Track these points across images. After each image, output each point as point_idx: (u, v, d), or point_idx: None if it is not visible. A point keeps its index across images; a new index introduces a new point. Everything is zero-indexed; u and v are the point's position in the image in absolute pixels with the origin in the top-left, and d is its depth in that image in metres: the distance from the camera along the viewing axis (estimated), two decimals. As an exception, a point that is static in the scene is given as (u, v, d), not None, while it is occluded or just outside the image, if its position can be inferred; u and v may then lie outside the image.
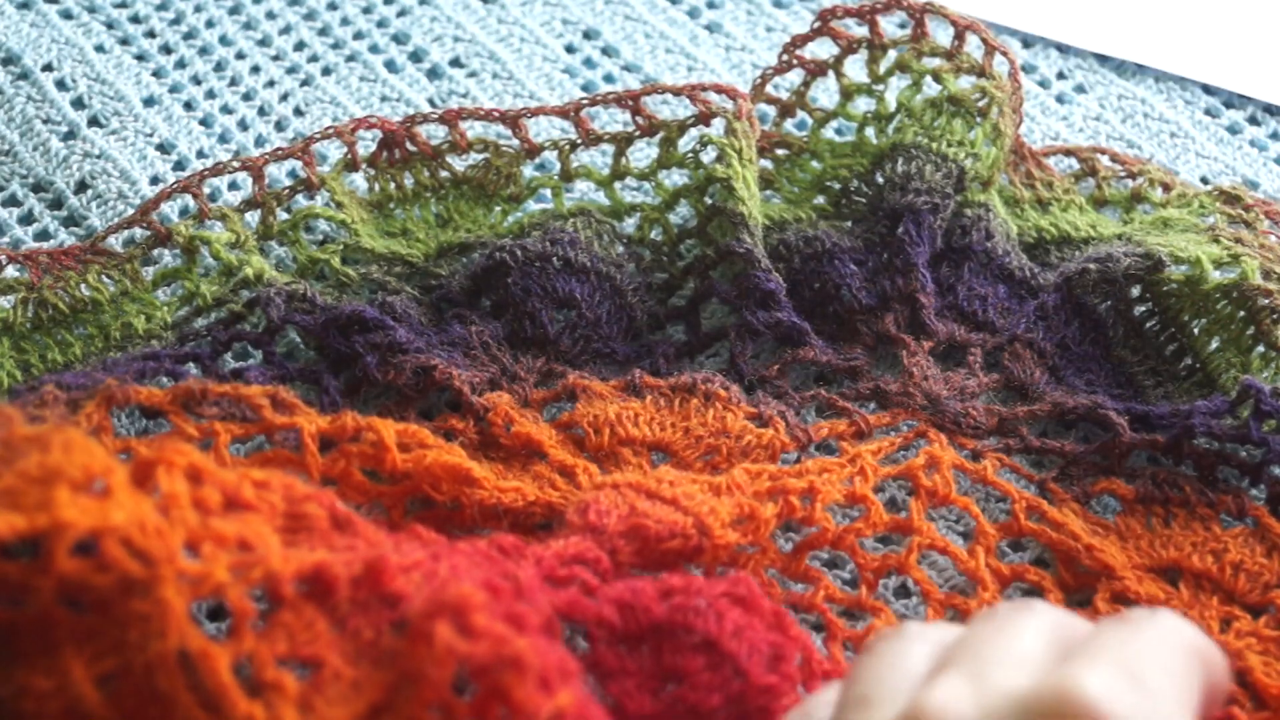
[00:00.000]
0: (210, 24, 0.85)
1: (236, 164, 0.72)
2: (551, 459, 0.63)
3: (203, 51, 0.84)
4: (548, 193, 0.74)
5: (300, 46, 0.84)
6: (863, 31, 0.75)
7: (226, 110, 0.81)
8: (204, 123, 0.80)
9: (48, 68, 0.82)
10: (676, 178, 0.73)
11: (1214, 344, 0.68)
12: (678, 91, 0.73)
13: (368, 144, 0.76)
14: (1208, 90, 0.83)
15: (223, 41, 0.85)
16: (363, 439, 0.59)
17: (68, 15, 0.85)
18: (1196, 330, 0.69)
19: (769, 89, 0.76)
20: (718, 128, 0.71)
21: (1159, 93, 0.83)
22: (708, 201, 0.70)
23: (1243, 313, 0.67)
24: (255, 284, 0.68)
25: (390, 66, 0.84)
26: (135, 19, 0.86)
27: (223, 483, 0.48)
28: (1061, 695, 0.42)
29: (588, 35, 0.86)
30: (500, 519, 0.59)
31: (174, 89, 0.82)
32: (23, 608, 0.45)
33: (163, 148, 0.79)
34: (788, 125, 0.77)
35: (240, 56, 0.84)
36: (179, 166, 0.78)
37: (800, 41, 0.75)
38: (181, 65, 0.83)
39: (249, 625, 0.45)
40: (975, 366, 0.68)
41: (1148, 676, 0.43)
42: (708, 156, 0.71)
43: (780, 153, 0.75)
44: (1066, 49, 0.85)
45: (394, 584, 0.46)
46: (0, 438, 0.47)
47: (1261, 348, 0.67)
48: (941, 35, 0.75)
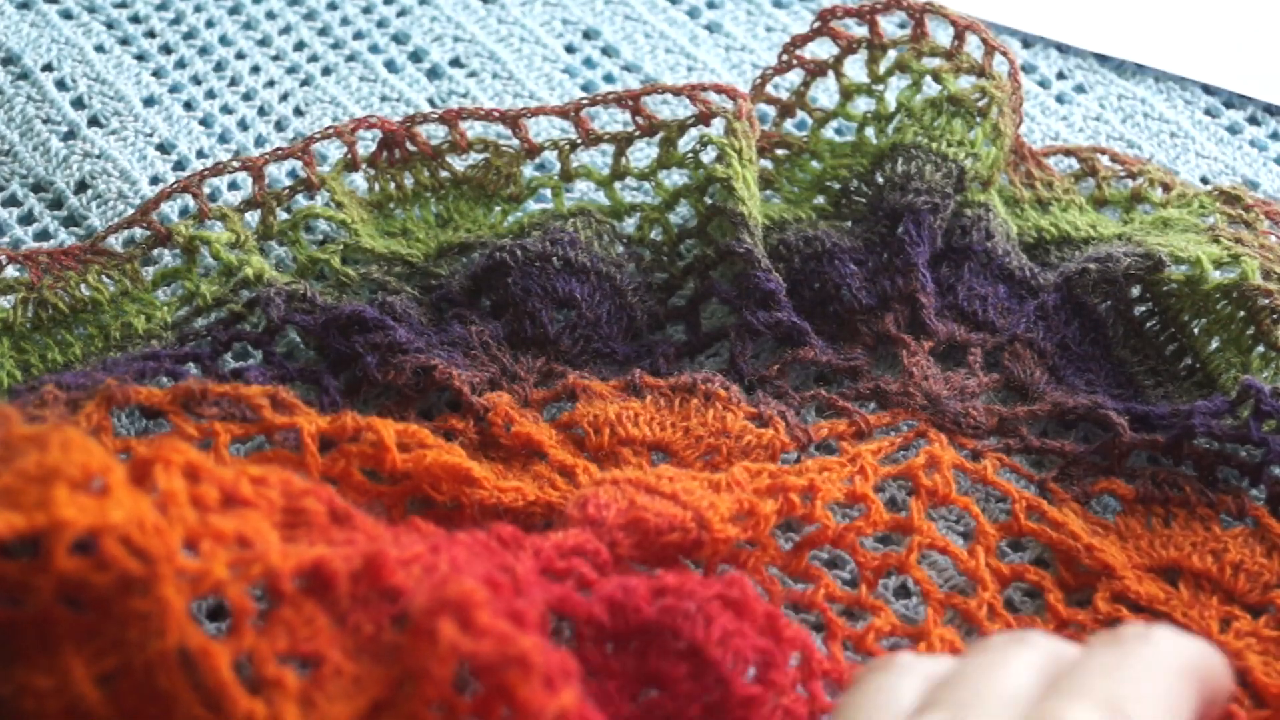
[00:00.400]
0: (210, 24, 0.85)
1: (236, 164, 0.72)
2: (551, 459, 0.63)
3: (203, 51, 0.84)
4: (547, 192, 0.74)
5: (300, 46, 0.85)
6: (862, 32, 0.75)
7: (226, 110, 0.81)
8: (204, 123, 0.80)
9: (48, 68, 0.82)
10: (676, 177, 0.73)
11: (1214, 344, 0.68)
12: (678, 91, 0.73)
13: (368, 144, 0.76)
14: (1208, 90, 0.83)
15: (223, 41, 0.85)
16: (362, 439, 0.59)
17: (68, 15, 0.85)
18: (1196, 330, 0.69)
19: (769, 89, 0.76)
20: (717, 128, 0.71)
21: (1159, 93, 0.83)
22: (708, 201, 0.70)
23: (1243, 313, 0.67)
24: (255, 284, 0.68)
25: (390, 66, 0.84)
26: (135, 19, 0.86)
27: (220, 480, 0.48)
28: None
29: (588, 35, 0.86)
30: (500, 519, 0.59)
31: (174, 89, 0.82)
32: (22, 607, 0.45)
33: (163, 148, 0.79)
34: (787, 125, 0.77)
35: (240, 56, 0.84)
36: (179, 166, 0.78)
37: (800, 42, 0.75)
38: (181, 65, 0.83)
39: (249, 622, 0.45)
40: (975, 366, 0.68)
41: (1132, 710, 0.43)
42: (708, 156, 0.71)
43: (780, 153, 0.75)
44: (1066, 49, 0.85)
45: (394, 578, 0.46)
46: (-1, 436, 0.47)
47: (1261, 348, 0.67)
48: (941, 36, 0.75)
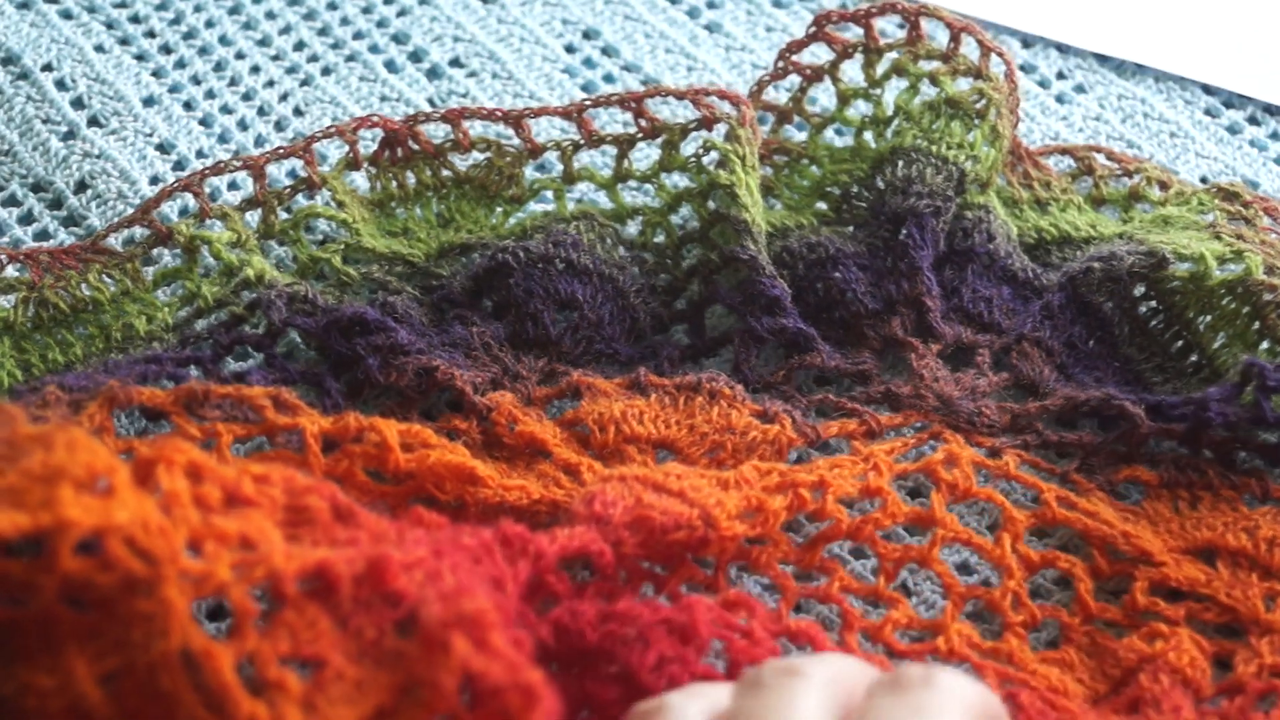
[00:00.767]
0: (210, 24, 0.85)
1: (237, 163, 0.72)
2: (556, 457, 0.62)
3: (203, 51, 0.84)
4: (548, 193, 0.74)
5: (300, 46, 0.84)
6: (858, 35, 0.75)
7: (226, 110, 0.81)
8: (204, 123, 0.80)
9: (48, 68, 0.82)
10: (678, 179, 0.73)
11: (1219, 340, 0.68)
12: (681, 95, 0.73)
13: (369, 144, 0.75)
14: (1208, 90, 0.83)
15: (223, 41, 0.85)
16: (366, 439, 0.59)
17: (68, 15, 0.85)
18: (1202, 327, 0.69)
19: (765, 95, 0.76)
20: (719, 133, 0.71)
21: (1159, 93, 0.83)
22: (710, 206, 0.70)
23: (1247, 308, 0.67)
24: (256, 285, 0.68)
25: (390, 66, 0.84)
26: (135, 19, 0.85)
27: (223, 479, 0.48)
28: None
29: (588, 35, 0.86)
30: (505, 518, 0.59)
31: (174, 89, 0.82)
32: (26, 606, 0.45)
33: (163, 148, 0.78)
34: (785, 130, 0.77)
35: (240, 56, 0.84)
36: (179, 166, 0.77)
37: (796, 47, 0.75)
38: (181, 65, 0.83)
39: (251, 624, 0.45)
40: (984, 367, 0.68)
41: None
42: (710, 162, 0.71)
43: (779, 159, 0.75)
44: (1066, 49, 0.85)
45: (397, 582, 0.46)
46: (3, 436, 0.46)
47: (1267, 343, 0.67)
48: (938, 38, 0.75)
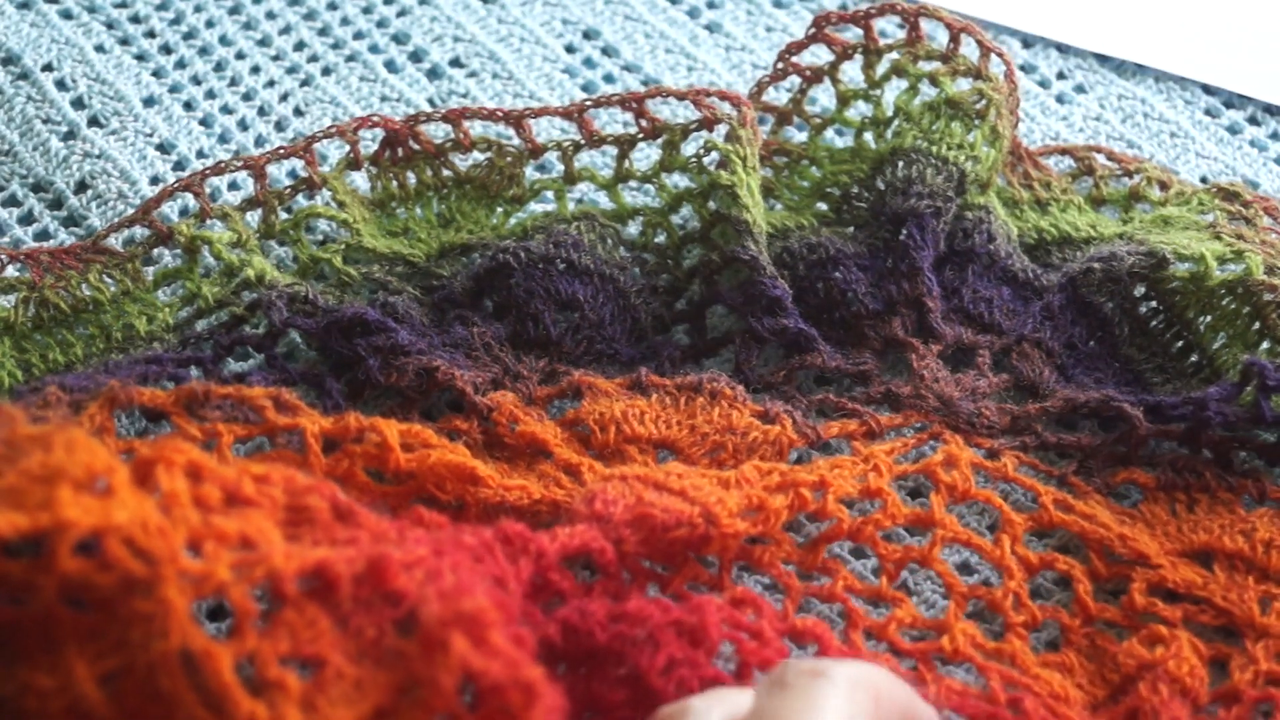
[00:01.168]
0: (210, 24, 0.85)
1: (238, 163, 0.72)
2: (557, 458, 0.62)
3: (203, 51, 0.84)
4: (549, 194, 0.74)
5: (300, 46, 0.84)
6: (858, 36, 0.75)
7: (226, 110, 0.81)
8: (204, 123, 0.80)
9: (48, 68, 0.82)
10: (678, 179, 0.73)
11: (1220, 340, 0.68)
12: (682, 96, 0.73)
13: (369, 144, 0.75)
14: (1208, 90, 0.83)
15: (223, 41, 0.85)
16: (366, 439, 0.59)
17: (68, 15, 0.85)
18: (1202, 327, 0.69)
19: (765, 96, 0.76)
20: (720, 133, 0.71)
21: (1159, 93, 0.83)
22: (711, 207, 0.70)
23: (1248, 308, 0.67)
24: (257, 285, 0.68)
25: (390, 66, 0.84)
26: (135, 19, 0.85)
27: (223, 479, 0.48)
28: None
29: (588, 35, 0.86)
30: (505, 518, 0.59)
31: (174, 89, 0.82)
32: (25, 607, 0.45)
33: (163, 148, 0.78)
34: (785, 132, 0.77)
35: (240, 56, 0.84)
36: (179, 166, 0.77)
37: (795, 48, 0.75)
38: (181, 65, 0.83)
39: (251, 624, 0.45)
40: (984, 368, 0.68)
41: None
42: (711, 162, 0.71)
43: (779, 160, 0.75)
44: (1066, 49, 0.85)
45: (397, 581, 0.46)
46: (3, 437, 0.46)
47: (1267, 343, 0.67)
48: (938, 38, 0.75)
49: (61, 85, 0.81)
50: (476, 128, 0.75)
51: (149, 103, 0.81)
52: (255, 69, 0.83)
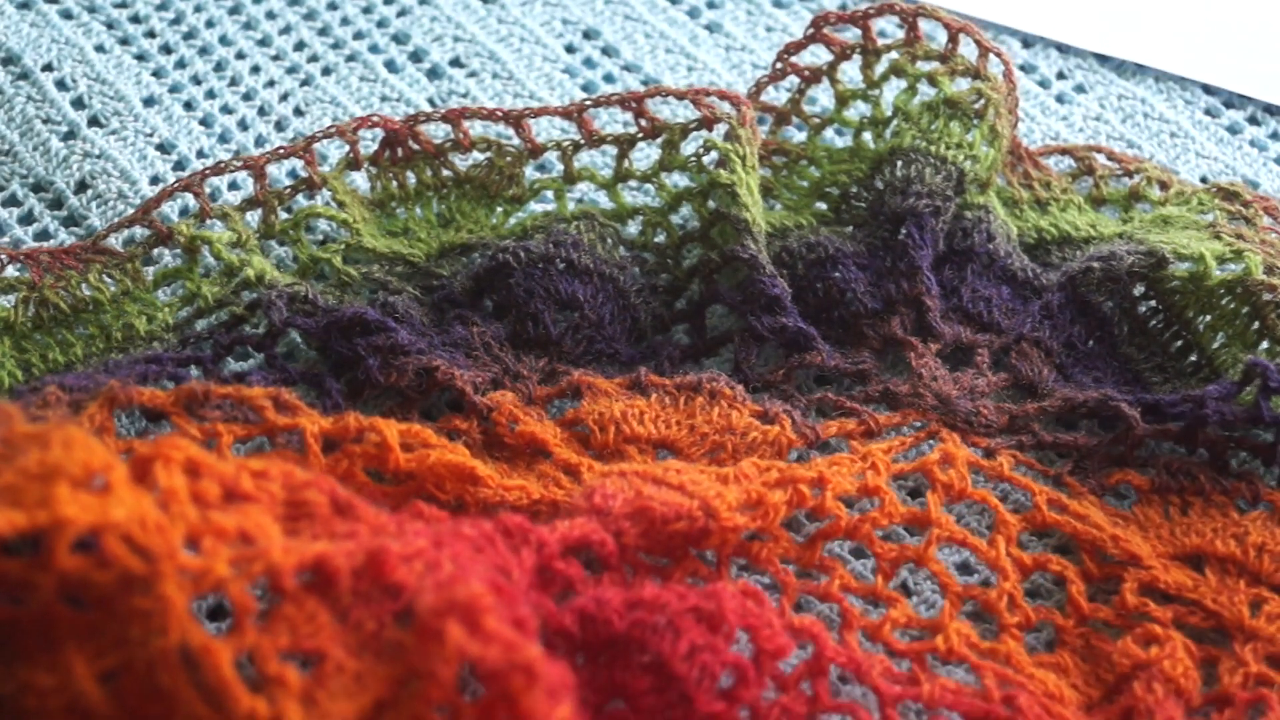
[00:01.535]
0: (210, 24, 0.85)
1: (238, 163, 0.72)
2: (556, 457, 0.62)
3: (203, 51, 0.84)
4: (549, 193, 0.74)
5: (300, 46, 0.84)
6: (856, 37, 0.75)
7: (226, 110, 0.81)
8: (204, 123, 0.80)
9: (48, 68, 0.82)
10: (678, 179, 0.73)
11: (1219, 339, 0.68)
12: (681, 95, 0.73)
13: (369, 144, 0.75)
14: (1208, 90, 0.83)
15: (223, 41, 0.85)
16: (366, 439, 0.59)
17: (68, 15, 0.85)
18: (1201, 327, 0.69)
19: (764, 96, 0.76)
20: (719, 133, 0.71)
21: (1159, 93, 0.83)
22: (710, 206, 0.70)
23: (1247, 308, 0.67)
24: (257, 285, 0.68)
25: (390, 66, 0.84)
26: (135, 19, 0.85)
27: (221, 475, 0.48)
28: None
29: (588, 35, 0.86)
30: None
31: (174, 89, 0.82)
32: (24, 605, 0.45)
33: (163, 148, 0.78)
34: (784, 132, 0.77)
35: (240, 56, 0.84)
36: (179, 166, 0.77)
37: (794, 49, 0.75)
38: (181, 65, 0.83)
39: (250, 620, 0.45)
40: (983, 367, 0.68)
41: None
42: (710, 161, 0.71)
43: (778, 160, 0.75)
44: (1066, 49, 0.85)
45: (396, 574, 0.46)
46: (0, 435, 0.46)
47: (1266, 343, 0.67)
48: (937, 38, 0.75)
49: (61, 85, 0.81)
50: (476, 128, 0.75)
51: (149, 103, 0.81)
52: (255, 69, 0.83)
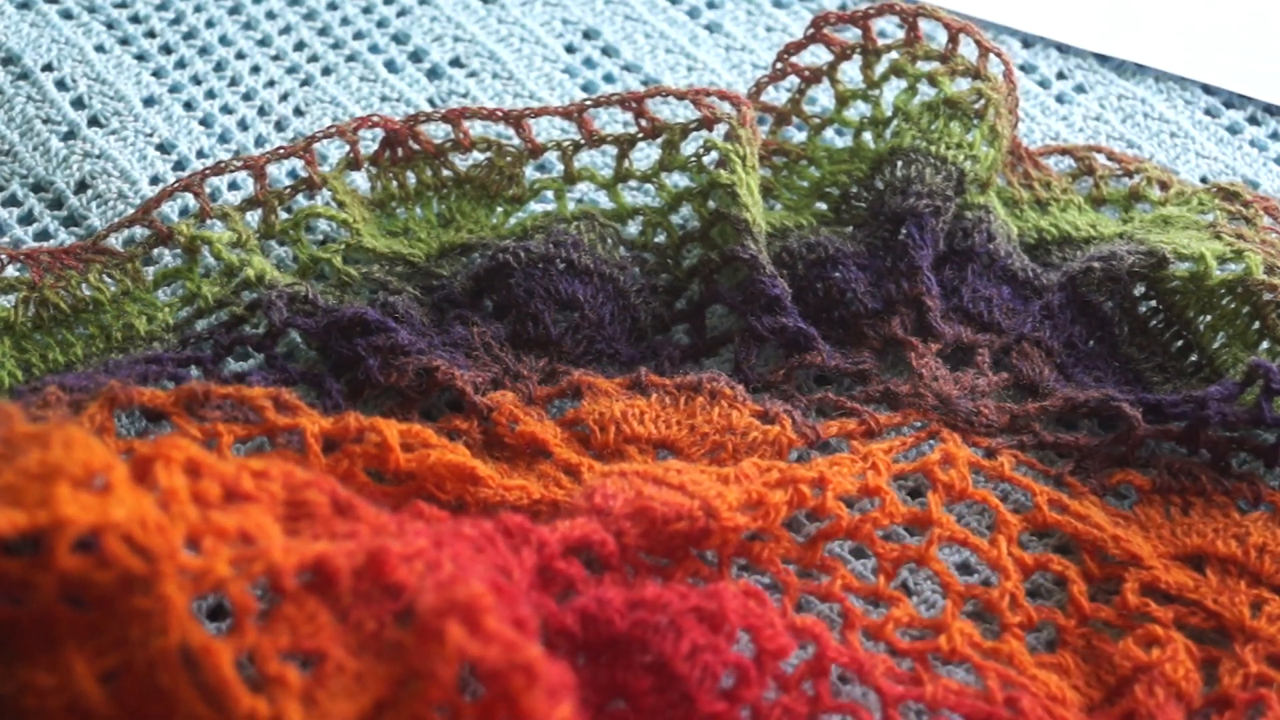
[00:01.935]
0: (210, 24, 0.85)
1: (238, 163, 0.72)
2: (557, 458, 0.62)
3: (203, 51, 0.84)
4: (549, 193, 0.74)
5: (300, 46, 0.84)
6: (856, 37, 0.75)
7: (226, 110, 0.81)
8: (204, 123, 0.80)
9: (48, 68, 0.82)
10: (678, 179, 0.73)
11: (1219, 339, 0.68)
12: (681, 96, 0.73)
13: (369, 144, 0.75)
14: (1208, 90, 0.83)
15: (223, 41, 0.85)
16: (366, 439, 0.59)
17: (68, 15, 0.85)
18: (1202, 326, 0.69)
19: (764, 97, 0.76)
20: (719, 133, 0.71)
21: (1159, 93, 0.83)
22: (710, 206, 0.70)
23: (1247, 308, 0.67)
24: (257, 285, 0.68)
25: (390, 66, 0.84)
26: (135, 19, 0.85)
27: (221, 475, 0.48)
28: None
29: (588, 35, 0.86)
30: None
31: (174, 89, 0.82)
32: (24, 605, 0.45)
33: (163, 148, 0.78)
34: (784, 132, 0.77)
35: (240, 56, 0.84)
36: (179, 166, 0.77)
37: (794, 49, 0.75)
38: (181, 65, 0.83)
39: (251, 620, 0.45)
40: (984, 366, 0.68)
41: None
42: (710, 161, 0.71)
43: (778, 160, 0.75)
44: (1066, 49, 0.85)
45: (396, 574, 0.46)
46: (1, 435, 0.46)
47: (1267, 343, 0.67)
48: (937, 38, 0.75)
49: (61, 85, 0.81)
50: (476, 128, 0.75)
51: (149, 103, 0.81)
52: (255, 69, 0.83)
